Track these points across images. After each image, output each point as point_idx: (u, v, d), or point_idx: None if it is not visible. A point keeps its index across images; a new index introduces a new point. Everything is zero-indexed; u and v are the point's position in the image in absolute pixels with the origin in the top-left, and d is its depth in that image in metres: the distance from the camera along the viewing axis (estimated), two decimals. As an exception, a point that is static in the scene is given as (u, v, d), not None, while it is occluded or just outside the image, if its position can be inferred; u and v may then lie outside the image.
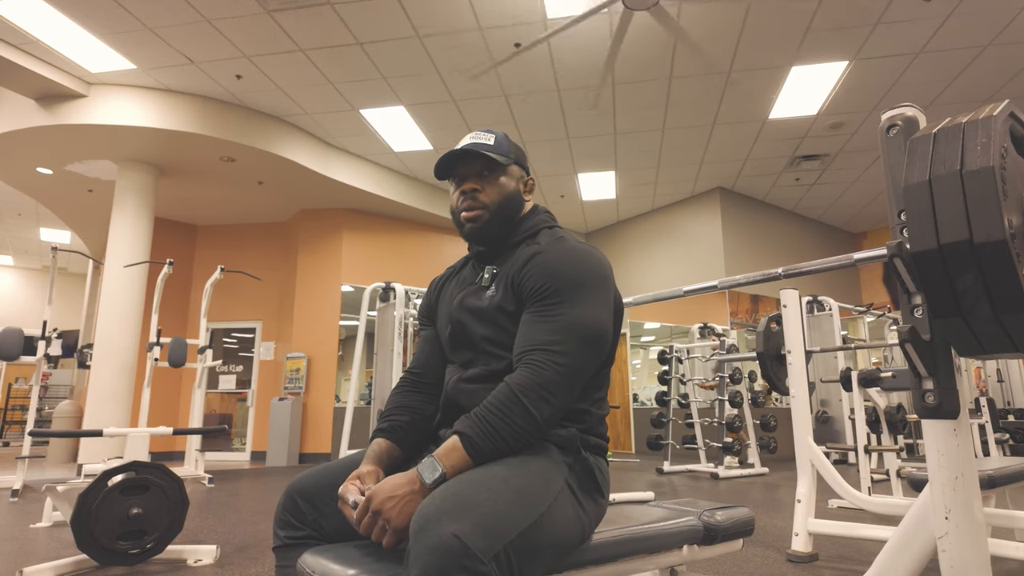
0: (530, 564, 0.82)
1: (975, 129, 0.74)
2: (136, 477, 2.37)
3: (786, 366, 2.76)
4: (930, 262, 0.73)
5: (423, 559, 0.73)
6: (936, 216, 0.72)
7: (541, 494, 0.88)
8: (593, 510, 1.00)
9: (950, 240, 0.71)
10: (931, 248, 0.72)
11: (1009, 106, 0.77)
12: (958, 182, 0.71)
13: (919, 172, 0.76)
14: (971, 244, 0.69)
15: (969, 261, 0.70)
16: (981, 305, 0.70)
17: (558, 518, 0.89)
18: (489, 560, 0.75)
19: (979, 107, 0.79)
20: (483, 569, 0.74)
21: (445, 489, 0.81)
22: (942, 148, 0.76)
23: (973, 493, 1.06)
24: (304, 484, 1.05)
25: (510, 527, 0.80)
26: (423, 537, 0.74)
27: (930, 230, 0.73)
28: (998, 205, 0.68)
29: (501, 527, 0.79)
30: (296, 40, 4.79)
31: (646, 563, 1.08)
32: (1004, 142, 0.73)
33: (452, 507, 0.77)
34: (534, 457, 0.93)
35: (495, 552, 0.76)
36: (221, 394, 8.21)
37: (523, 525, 0.82)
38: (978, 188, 0.69)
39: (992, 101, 5.28)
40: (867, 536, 2.40)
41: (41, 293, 11.84)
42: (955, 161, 0.73)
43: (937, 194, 0.73)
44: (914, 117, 1.23)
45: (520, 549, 0.80)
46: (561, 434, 1.00)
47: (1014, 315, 0.68)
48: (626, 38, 4.74)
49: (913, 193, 0.76)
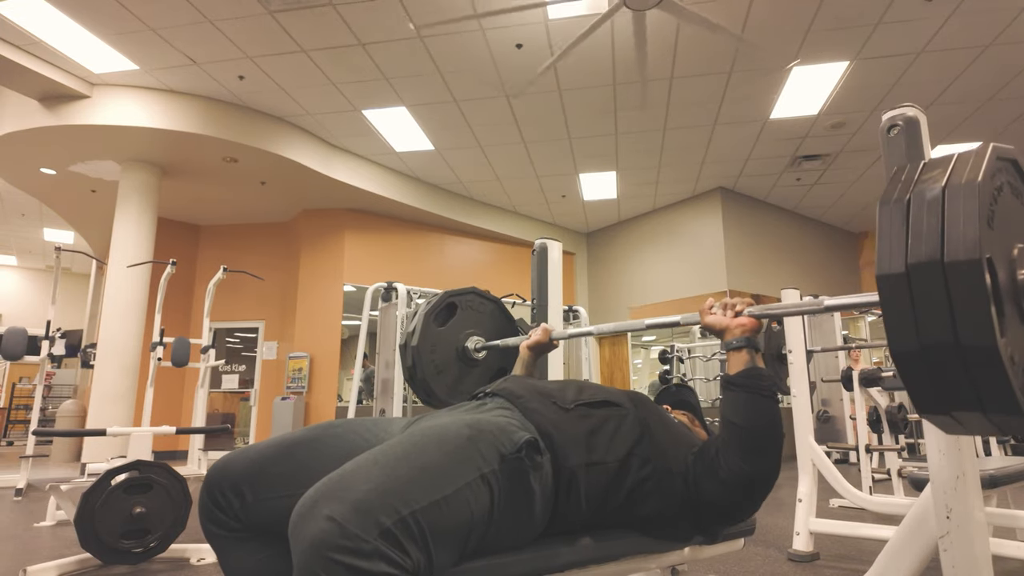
0: (439, 544, 0.78)
1: (958, 198, 0.64)
2: (139, 476, 2.38)
3: (787, 365, 2.76)
4: (911, 362, 0.65)
5: (299, 552, 0.70)
6: (916, 313, 0.64)
7: (450, 475, 0.83)
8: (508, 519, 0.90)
9: (932, 342, 0.63)
10: (912, 349, 0.64)
11: (994, 154, 0.68)
12: (940, 275, 0.62)
13: (895, 260, 0.65)
14: (957, 346, 0.61)
15: (955, 363, 0.62)
16: (969, 407, 0.64)
17: (473, 506, 0.83)
18: (375, 537, 0.71)
19: (964, 156, 0.68)
20: (367, 547, 0.69)
21: (334, 473, 0.79)
22: (919, 223, 0.65)
23: (974, 493, 1.06)
24: (230, 469, 0.95)
25: (401, 502, 0.75)
26: (300, 527, 0.72)
27: (910, 329, 0.64)
28: (987, 304, 0.59)
29: (390, 501, 0.74)
30: (298, 41, 4.80)
31: (647, 562, 1.08)
32: (992, 205, 0.65)
33: (330, 488, 0.75)
34: (456, 439, 0.89)
35: (384, 528, 0.72)
36: (224, 393, 8.24)
37: (423, 501, 0.77)
38: (963, 285, 0.60)
39: (993, 101, 5.24)
40: (868, 535, 2.40)
41: (45, 293, 11.86)
42: (935, 246, 0.63)
43: (916, 288, 0.63)
44: (915, 117, 1.24)
45: (422, 526, 0.75)
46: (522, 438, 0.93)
47: (1006, 417, 0.63)
48: (627, 38, 4.74)
49: (888, 285, 0.66)
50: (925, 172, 0.69)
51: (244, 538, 0.95)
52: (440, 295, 1.70)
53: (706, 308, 1.15)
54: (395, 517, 0.73)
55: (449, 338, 1.69)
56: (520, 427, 0.98)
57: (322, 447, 1.00)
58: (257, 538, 0.95)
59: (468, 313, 1.73)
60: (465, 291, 1.74)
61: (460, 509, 0.81)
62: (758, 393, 1.01)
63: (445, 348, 1.68)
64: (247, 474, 0.94)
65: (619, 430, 1.04)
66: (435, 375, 1.65)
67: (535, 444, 0.93)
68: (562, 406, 1.05)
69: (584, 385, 1.15)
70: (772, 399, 1.02)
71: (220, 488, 0.94)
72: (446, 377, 1.68)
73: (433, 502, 0.78)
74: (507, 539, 0.91)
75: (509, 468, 0.90)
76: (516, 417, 1.02)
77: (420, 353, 1.62)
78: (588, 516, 1.00)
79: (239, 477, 0.94)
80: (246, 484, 0.93)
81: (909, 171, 0.71)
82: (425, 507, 0.77)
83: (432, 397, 1.67)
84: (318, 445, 1.00)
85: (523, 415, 1.03)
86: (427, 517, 0.76)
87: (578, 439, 1.00)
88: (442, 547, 0.78)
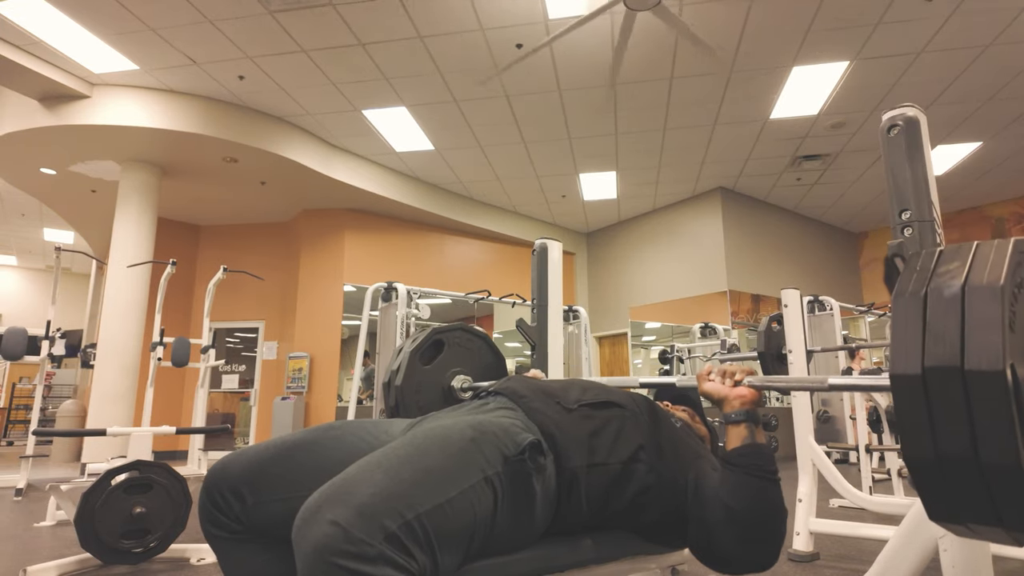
0: (444, 546, 0.77)
1: (979, 299, 0.59)
2: (139, 476, 2.38)
3: (787, 365, 2.76)
4: (926, 471, 0.62)
5: (303, 557, 0.70)
6: (932, 421, 0.60)
7: (454, 477, 0.82)
8: (511, 520, 0.90)
9: (950, 454, 0.59)
10: (927, 458, 0.61)
11: (1016, 249, 0.63)
12: (959, 381, 0.58)
13: (911, 360, 0.61)
14: (977, 461, 0.58)
15: (974, 478, 0.58)
16: (987, 521, 0.60)
17: (477, 508, 0.83)
18: (380, 541, 0.70)
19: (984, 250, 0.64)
20: (372, 552, 0.69)
21: (338, 476, 0.79)
22: (937, 323, 0.61)
23: (973, 492, 1.06)
24: (229, 471, 0.94)
25: (405, 505, 0.75)
26: (304, 531, 0.72)
27: (926, 437, 0.60)
28: (1011, 419, 0.56)
29: (394, 505, 0.74)
30: (298, 41, 4.80)
31: (647, 562, 1.08)
32: (1013, 306, 0.60)
33: (334, 492, 0.75)
34: (459, 441, 0.89)
35: (388, 532, 0.71)
36: (224, 393, 8.24)
37: (427, 504, 0.77)
38: (985, 396, 0.57)
39: (993, 101, 5.22)
40: (868, 535, 2.40)
41: (45, 293, 11.86)
42: (955, 350, 0.59)
43: (932, 392, 0.59)
44: (915, 117, 1.24)
45: (427, 529, 0.75)
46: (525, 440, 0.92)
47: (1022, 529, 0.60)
48: (623, 37, 4.74)
49: (903, 387, 0.62)
50: (942, 263, 0.66)
51: (244, 540, 0.94)
52: (427, 332, 1.63)
53: (704, 374, 1.09)
54: (399, 521, 0.73)
55: (435, 377, 1.60)
56: (523, 428, 0.97)
57: (321, 449, 1.00)
58: (257, 540, 0.94)
59: (455, 350, 1.65)
60: (453, 327, 1.67)
61: (464, 512, 0.81)
62: (757, 476, 0.95)
63: (430, 388, 1.59)
64: (246, 476, 0.94)
65: (621, 432, 1.03)
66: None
67: (538, 446, 0.93)
68: (565, 406, 1.05)
69: (588, 385, 1.15)
70: (773, 482, 0.96)
71: (219, 490, 0.93)
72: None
73: (437, 505, 0.78)
74: (509, 540, 0.90)
75: (512, 470, 0.89)
76: (519, 417, 1.01)
77: (404, 394, 1.53)
78: (589, 518, 1.00)
79: (238, 479, 0.93)
80: (245, 486, 0.93)
81: (925, 259, 0.68)
82: (429, 510, 0.77)
83: None
84: (317, 447, 1.00)
85: (526, 415, 1.02)
86: (431, 520, 0.76)
87: (580, 440, 1.00)
88: (447, 550, 0.78)
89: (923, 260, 0.67)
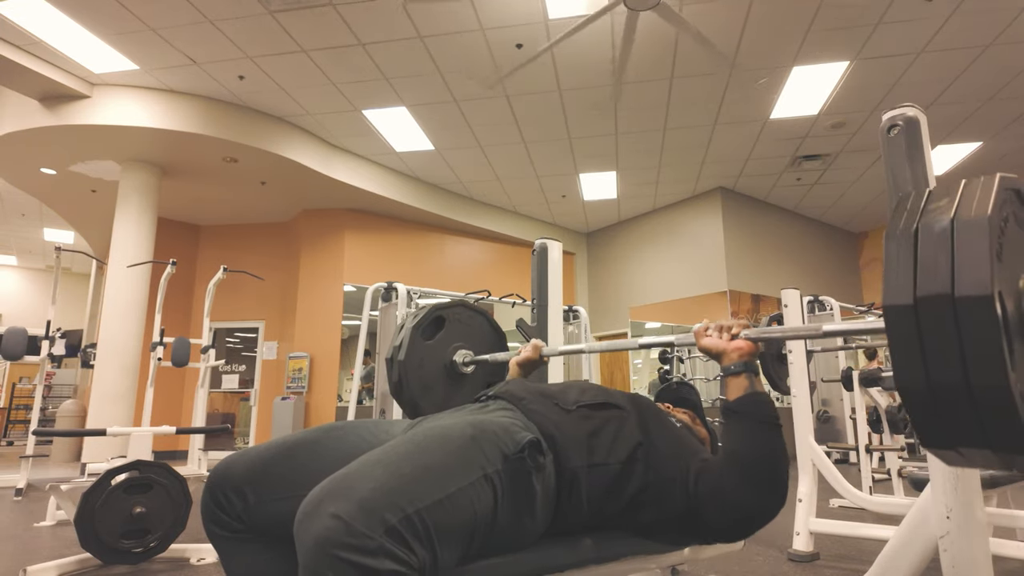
0: (444, 542, 0.78)
1: (967, 231, 0.62)
2: (139, 476, 2.38)
3: (787, 365, 2.76)
4: (918, 398, 0.64)
5: (305, 550, 0.71)
6: (924, 348, 0.62)
7: (454, 474, 0.83)
8: (511, 519, 0.90)
9: (941, 379, 0.61)
10: (919, 386, 0.63)
11: (1001, 184, 0.66)
12: (949, 309, 0.60)
13: (902, 291, 0.64)
14: (967, 386, 0.60)
15: (964, 402, 0.61)
16: (976, 443, 0.63)
17: (477, 505, 0.84)
18: (380, 535, 0.71)
19: (971, 186, 0.66)
20: (372, 545, 0.70)
21: (339, 472, 0.80)
22: (927, 256, 0.63)
23: (974, 492, 1.06)
24: (233, 470, 0.95)
25: (406, 500, 0.76)
26: (305, 525, 0.72)
27: (918, 365, 0.62)
28: (998, 342, 0.58)
29: (395, 500, 0.75)
30: (298, 41, 4.80)
31: (647, 562, 1.08)
32: (1000, 238, 0.63)
33: (335, 487, 0.76)
34: (459, 439, 0.90)
35: (389, 525, 0.72)
36: (224, 393, 8.24)
37: (427, 499, 0.78)
38: (974, 321, 0.59)
39: (993, 101, 5.23)
40: (868, 535, 2.40)
41: (45, 293, 11.86)
42: (945, 280, 0.61)
43: (924, 322, 0.62)
44: (915, 117, 1.24)
45: (427, 524, 0.76)
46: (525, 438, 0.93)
47: (1013, 455, 0.62)
48: (627, 39, 4.74)
49: (895, 318, 0.64)
50: (931, 201, 0.68)
51: (247, 539, 0.95)
52: (428, 308, 1.64)
53: (701, 330, 1.11)
54: (400, 515, 0.74)
55: (437, 353, 1.62)
56: (523, 427, 0.98)
57: (324, 449, 1.00)
58: (260, 539, 0.95)
59: (456, 326, 1.66)
60: (453, 304, 1.69)
61: (464, 508, 0.82)
62: (760, 421, 0.98)
63: (433, 363, 1.61)
64: (249, 475, 0.95)
65: (620, 432, 1.04)
66: (422, 393, 1.58)
67: (538, 444, 0.94)
68: (564, 407, 1.06)
69: (586, 387, 1.15)
70: (775, 427, 0.98)
71: (222, 489, 0.94)
72: (434, 395, 1.60)
73: (437, 501, 0.79)
74: (511, 539, 0.91)
75: (512, 468, 0.90)
76: (519, 418, 1.02)
77: (407, 368, 1.55)
78: (589, 518, 1.01)
79: (241, 478, 0.94)
80: (248, 485, 0.94)
81: (914, 199, 0.70)
82: (429, 505, 0.77)
83: (419, 414, 1.59)
84: (320, 447, 1.01)
85: (525, 416, 1.03)
86: (431, 515, 0.77)
87: (580, 440, 1.00)
88: (447, 545, 0.79)
89: (912, 200, 0.70)
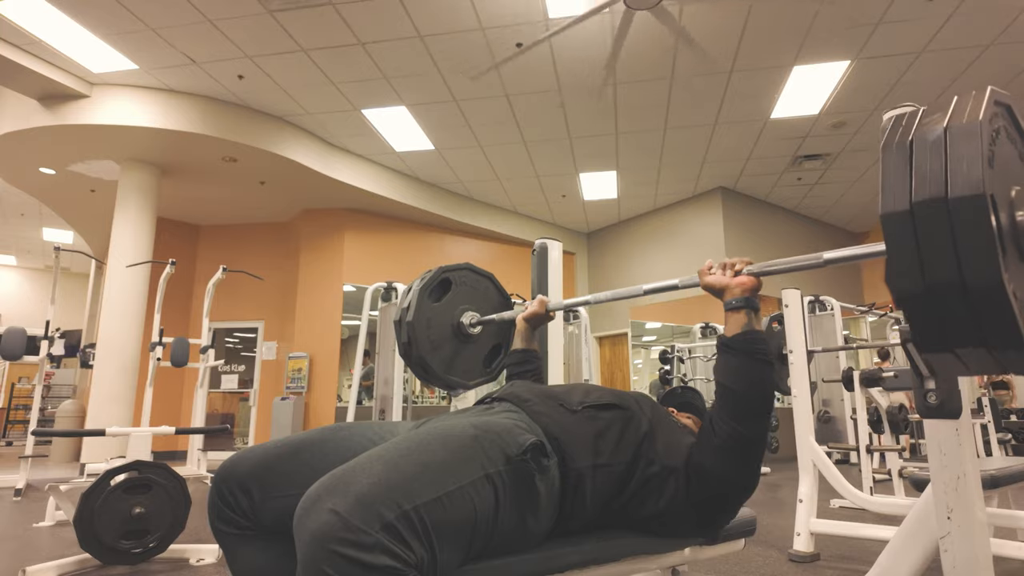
0: (442, 540, 0.78)
1: (960, 137, 0.64)
2: (139, 476, 2.38)
3: (788, 366, 2.76)
4: (915, 302, 0.65)
5: (302, 545, 0.71)
6: (920, 252, 0.63)
7: (453, 472, 0.83)
8: (513, 520, 0.90)
9: (937, 280, 0.63)
10: (916, 290, 0.64)
11: (992, 97, 0.68)
12: (944, 211, 0.62)
13: (898, 199, 0.65)
14: (962, 285, 0.61)
15: (960, 302, 0.62)
16: (973, 343, 0.64)
17: (477, 504, 0.84)
18: (377, 530, 0.71)
19: (963, 98, 0.69)
20: (369, 540, 0.70)
21: (338, 468, 0.80)
22: (922, 163, 0.65)
23: (975, 493, 1.06)
24: (239, 468, 0.96)
25: (403, 496, 0.76)
26: (303, 520, 0.73)
27: (915, 268, 0.64)
28: (992, 240, 0.59)
29: (392, 495, 0.75)
30: (298, 40, 4.79)
31: (648, 563, 1.08)
32: (992, 146, 0.64)
33: (334, 483, 0.76)
34: (461, 438, 0.90)
35: (386, 521, 0.73)
36: (223, 394, 8.23)
37: (425, 496, 0.78)
38: (968, 221, 0.60)
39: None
40: (869, 536, 2.40)
41: (44, 293, 11.86)
42: (939, 184, 0.63)
43: (920, 226, 0.63)
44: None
45: (424, 521, 0.76)
46: (528, 439, 0.93)
47: (1010, 353, 0.63)
48: (628, 38, 4.74)
49: (893, 224, 0.65)
50: (925, 116, 0.70)
51: (252, 536, 0.96)
52: (434, 271, 1.67)
53: (705, 269, 1.14)
54: (397, 511, 0.74)
55: (444, 314, 1.65)
56: (527, 429, 0.98)
57: (329, 449, 1.01)
58: (265, 537, 0.96)
59: (463, 289, 1.70)
60: (459, 266, 1.71)
61: (463, 506, 0.82)
62: (755, 358, 1.01)
63: (440, 324, 1.65)
64: (255, 472, 0.96)
65: (625, 433, 1.04)
66: (431, 351, 1.62)
67: (541, 447, 0.93)
68: (569, 408, 1.06)
69: (590, 388, 1.16)
70: (768, 364, 1.02)
71: (228, 486, 0.95)
72: (442, 353, 1.64)
73: (435, 498, 0.79)
74: (513, 540, 0.91)
75: (515, 469, 0.90)
76: (523, 420, 1.02)
77: (415, 329, 1.59)
78: (593, 517, 1.01)
79: (247, 475, 0.95)
80: (254, 482, 0.95)
81: (909, 115, 0.71)
82: (427, 502, 0.77)
83: (429, 373, 1.63)
84: (325, 447, 1.02)
85: (530, 418, 1.03)
86: (429, 512, 0.77)
87: (585, 441, 1.00)
88: (445, 544, 0.79)
89: (908, 116, 0.72)
